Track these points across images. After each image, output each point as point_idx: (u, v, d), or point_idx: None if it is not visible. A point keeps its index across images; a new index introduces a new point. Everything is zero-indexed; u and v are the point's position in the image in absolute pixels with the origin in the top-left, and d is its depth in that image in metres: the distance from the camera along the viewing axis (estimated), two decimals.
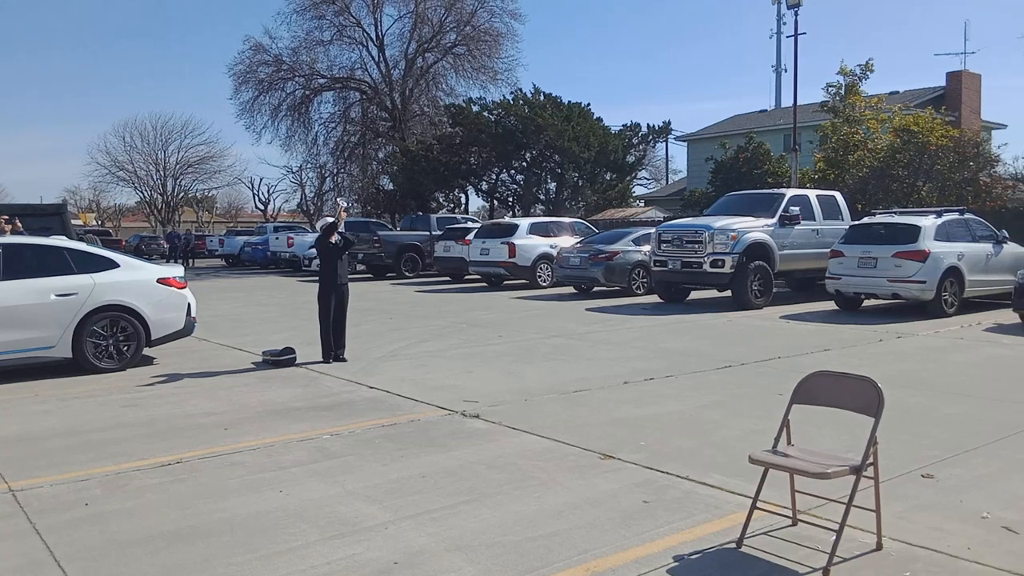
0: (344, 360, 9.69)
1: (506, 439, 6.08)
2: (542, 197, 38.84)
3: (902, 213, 15.35)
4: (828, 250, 14.65)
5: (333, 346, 9.74)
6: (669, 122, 41.33)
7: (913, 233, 13.50)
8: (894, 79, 44.26)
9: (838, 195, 17.52)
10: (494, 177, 40.27)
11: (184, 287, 9.86)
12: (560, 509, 4.53)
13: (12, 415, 7.13)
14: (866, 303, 14.87)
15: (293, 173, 55.51)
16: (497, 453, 5.69)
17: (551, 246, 20.47)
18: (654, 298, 16.93)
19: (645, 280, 17.82)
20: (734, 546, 3.97)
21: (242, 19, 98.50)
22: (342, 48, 42.48)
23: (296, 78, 42.77)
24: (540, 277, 20.43)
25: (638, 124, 40.81)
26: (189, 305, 9.83)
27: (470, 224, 25.04)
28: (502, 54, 41.69)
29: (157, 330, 9.45)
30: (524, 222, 21.88)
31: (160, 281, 9.60)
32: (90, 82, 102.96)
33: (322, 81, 43.34)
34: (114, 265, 9.37)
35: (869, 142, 23.73)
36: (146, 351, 9.64)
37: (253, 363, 9.71)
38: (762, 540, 4.03)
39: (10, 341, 8.51)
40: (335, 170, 47.21)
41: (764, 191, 18.69)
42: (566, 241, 20.44)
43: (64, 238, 10.50)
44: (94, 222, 61.67)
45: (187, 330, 9.88)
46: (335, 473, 5.28)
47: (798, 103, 25.20)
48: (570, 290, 19.30)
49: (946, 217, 14.18)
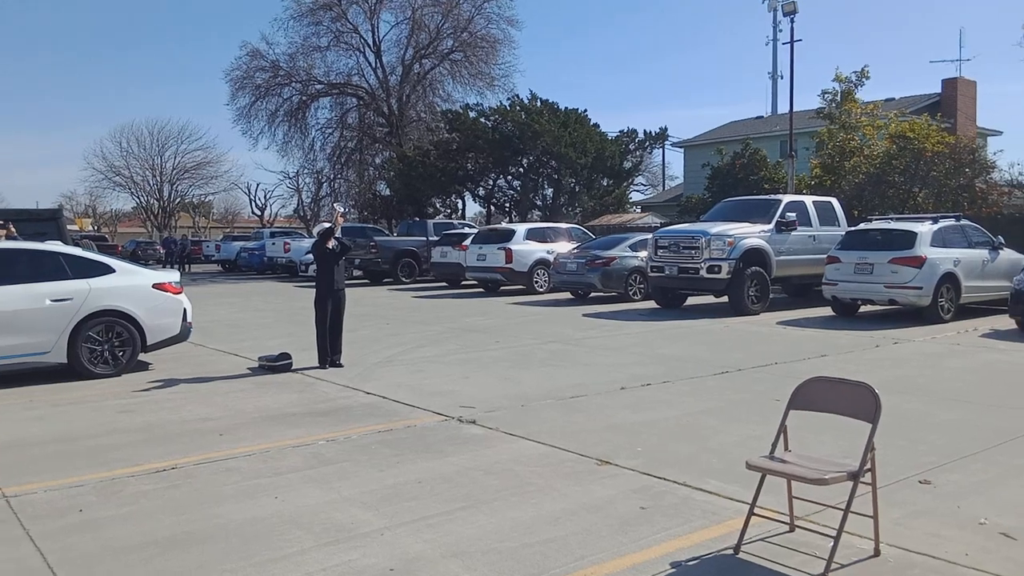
0: (340, 366, 9.66)
1: (503, 445, 6.06)
2: (539, 203, 38.85)
3: (898, 219, 15.38)
4: (824, 256, 14.66)
5: (329, 352, 9.71)
6: (666, 128, 41.38)
7: (909, 239, 13.52)
8: (890, 86, 44.62)
9: (834, 201, 17.55)
10: (491, 183, 40.29)
11: (180, 292, 9.84)
12: (557, 515, 4.52)
13: (6, 421, 7.09)
14: (862, 309, 14.88)
15: (290, 179, 55.65)
16: (494, 459, 5.67)
17: (548, 252, 20.47)
18: (651, 304, 16.93)
19: (642, 286, 17.83)
20: (732, 552, 3.95)
21: (239, 25, 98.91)
22: (339, 54, 42.59)
23: (293, 84, 42.84)
24: (537, 283, 20.42)
25: (635, 130, 40.77)
26: (185, 310, 9.80)
27: (467, 230, 25.03)
28: (499, 60, 41.81)
29: (153, 335, 9.42)
30: (521, 228, 21.90)
31: (156, 286, 9.58)
32: (87, 87, 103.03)
33: (319, 87, 43.41)
34: (110, 270, 9.35)
35: (865, 148, 23.78)
36: (142, 356, 9.61)
37: (249, 368, 9.68)
38: (760, 546, 4.01)
39: (4, 347, 8.47)
40: (332, 176, 47.21)
41: (760, 197, 18.72)
42: (563, 247, 20.45)
43: (59, 243, 10.47)
44: (90, 227, 61.56)
45: (183, 335, 9.86)
46: (331, 479, 5.25)
47: (794, 109, 25.29)
48: (567, 296, 19.29)
49: (942, 223, 14.20)
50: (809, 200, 16.94)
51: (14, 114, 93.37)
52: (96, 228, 67.54)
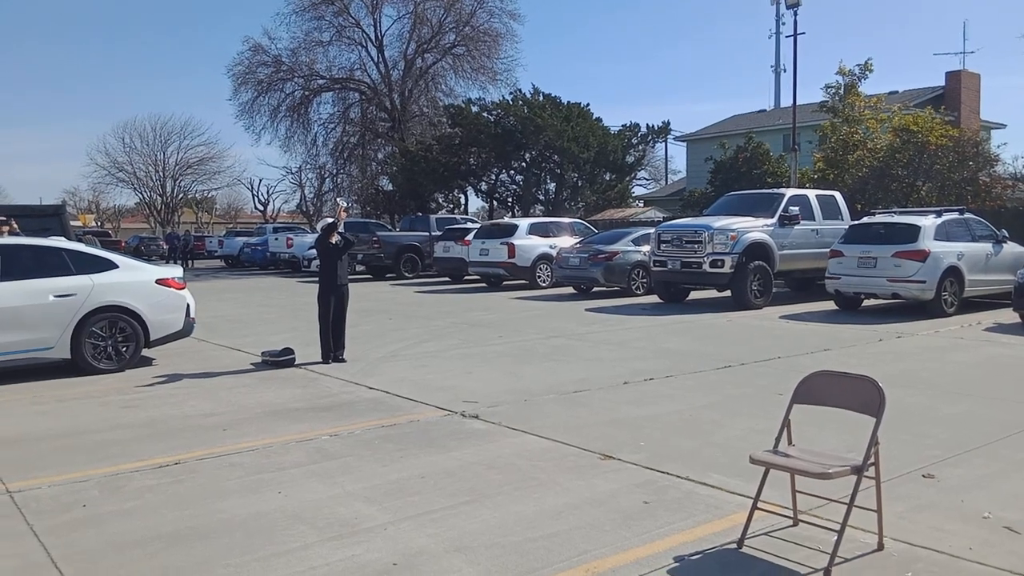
0: (343, 361, 9.67)
1: (506, 440, 6.06)
2: (541, 197, 38.84)
3: (902, 213, 15.35)
4: (828, 250, 14.64)
5: (332, 347, 9.72)
6: (668, 122, 41.35)
7: (913, 233, 13.49)
8: (893, 79, 44.23)
9: (837, 195, 17.52)
10: (493, 177, 40.27)
11: (183, 288, 9.84)
12: (560, 510, 4.52)
13: (10, 416, 7.11)
14: (866, 303, 14.85)
15: (292, 174, 55.47)
16: (497, 454, 5.67)
17: (550, 246, 20.46)
18: (653, 298, 16.92)
19: (645, 280, 17.81)
20: (735, 546, 3.95)
21: (241, 20, 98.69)
22: (341, 49, 42.53)
23: (295, 79, 42.79)
24: (539, 277, 20.41)
25: (637, 124, 40.72)
26: (188, 306, 9.81)
27: (469, 225, 25.02)
28: (501, 54, 41.72)
29: (156, 331, 9.43)
30: (523, 222, 21.87)
31: (159, 282, 9.58)
32: (89, 82, 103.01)
33: (321, 82, 43.36)
34: (113, 266, 9.35)
35: (868, 142, 23.73)
36: (145, 352, 9.62)
37: (252, 364, 9.69)
38: (763, 540, 4.01)
39: (8, 342, 8.49)
40: (334, 171, 47.18)
41: (764, 191, 18.68)
42: (565, 241, 20.43)
43: (63, 239, 10.48)
44: (93, 223, 61.56)
45: (186, 331, 9.87)
46: (334, 474, 5.26)
47: (797, 103, 25.19)
48: (569, 290, 19.28)
49: (946, 217, 14.17)
50: (812, 194, 16.90)
51: (17, 109, 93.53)
52: (99, 224, 67.49)
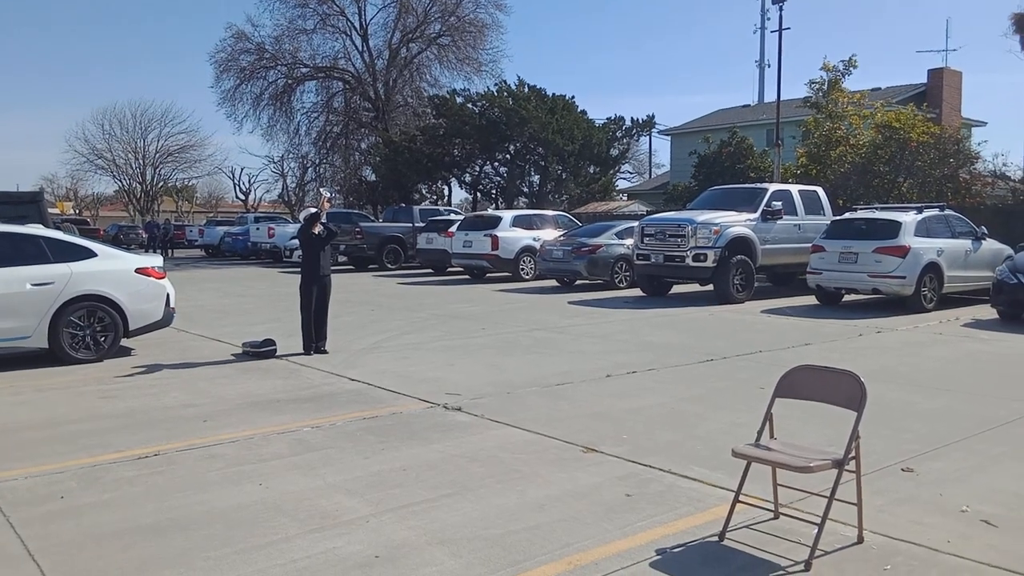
0: (325, 352, 9.61)
1: (488, 432, 6.05)
2: (525, 190, 38.76)
3: (883, 209, 15.47)
4: (810, 245, 14.73)
5: (314, 338, 9.66)
6: (653, 115, 41.25)
7: (894, 229, 13.61)
8: (876, 75, 44.82)
9: (820, 190, 17.62)
10: (477, 169, 40.13)
11: (163, 277, 9.75)
12: (542, 502, 4.52)
13: None
14: (846, 298, 14.98)
15: (275, 163, 55.19)
16: (479, 446, 5.66)
17: (534, 239, 20.45)
18: (636, 292, 16.96)
19: (628, 274, 17.85)
20: (717, 539, 3.97)
21: (224, 6, 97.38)
22: (325, 37, 42.29)
23: (278, 67, 42.50)
24: (523, 270, 20.40)
25: (622, 117, 40.63)
26: (168, 295, 9.72)
27: (453, 216, 24.95)
28: (486, 45, 41.67)
29: (135, 321, 9.34)
30: (507, 215, 21.85)
31: (138, 271, 9.48)
32: (67, 68, 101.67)
33: (305, 70, 43.08)
34: (91, 254, 9.24)
35: (851, 138, 23.86)
36: (124, 342, 9.52)
37: (233, 355, 9.62)
38: (744, 533, 4.03)
39: None
40: (317, 160, 46.95)
41: (747, 186, 18.74)
42: (549, 234, 20.43)
43: (40, 227, 10.34)
44: (72, 211, 60.86)
45: (166, 321, 9.78)
46: (315, 466, 5.23)
47: (781, 98, 25.31)
48: (553, 283, 19.29)
49: (926, 213, 14.30)
50: (795, 189, 17.00)
51: None
52: (78, 212, 66.81)
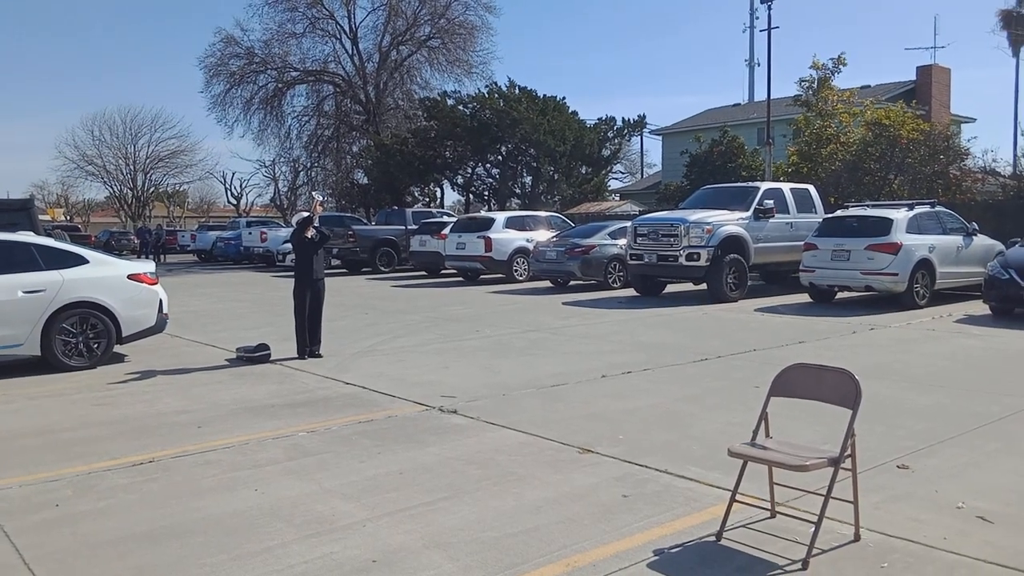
0: (320, 356, 9.59)
1: (484, 434, 6.05)
2: (518, 191, 38.76)
3: (874, 206, 15.52)
4: (802, 243, 14.76)
5: (308, 342, 9.63)
6: (644, 116, 41.08)
7: (885, 226, 13.65)
8: (866, 73, 44.93)
9: (811, 188, 17.67)
10: (469, 171, 40.11)
11: (155, 283, 9.71)
12: (539, 504, 4.51)
13: None
14: (839, 295, 15.01)
15: (266, 167, 54.94)
16: (475, 449, 5.66)
17: (527, 240, 20.45)
18: (630, 292, 16.97)
19: (621, 274, 17.85)
20: (713, 539, 3.97)
21: (213, 10, 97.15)
22: (315, 41, 42.28)
23: (268, 71, 42.46)
24: (516, 271, 20.40)
25: (613, 118, 40.56)
26: (161, 301, 9.68)
27: (446, 218, 24.94)
28: (477, 47, 41.72)
29: (128, 327, 9.30)
30: (500, 216, 21.85)
31: (131, 277, 9.45)
32: (57, 74, 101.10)
33: (295, 74, 43.05)
34: (83, 261, 9.20)
35: (842, 136, 23.96)
36: (117, 348, 9.48)
37: (227, 360, 9.59)
38: (741, 533, 4.04)
39: None
40: (309, 164, 46.88)
41: (739, 184, 18.80)
42: (542, 235, 20.43)
43: (31, 234, 10.28)
44: (62, 217, 60.45)
45: (159, 327, 9.74)
46: (311, 471, 5.21)
47: (772, 97, 25.40)
48: (546, 284, 19.29)
49: (917, 210, 14.35)
50: (787, 187, 17.03)
51: None
52: (68, 218, 66.43)
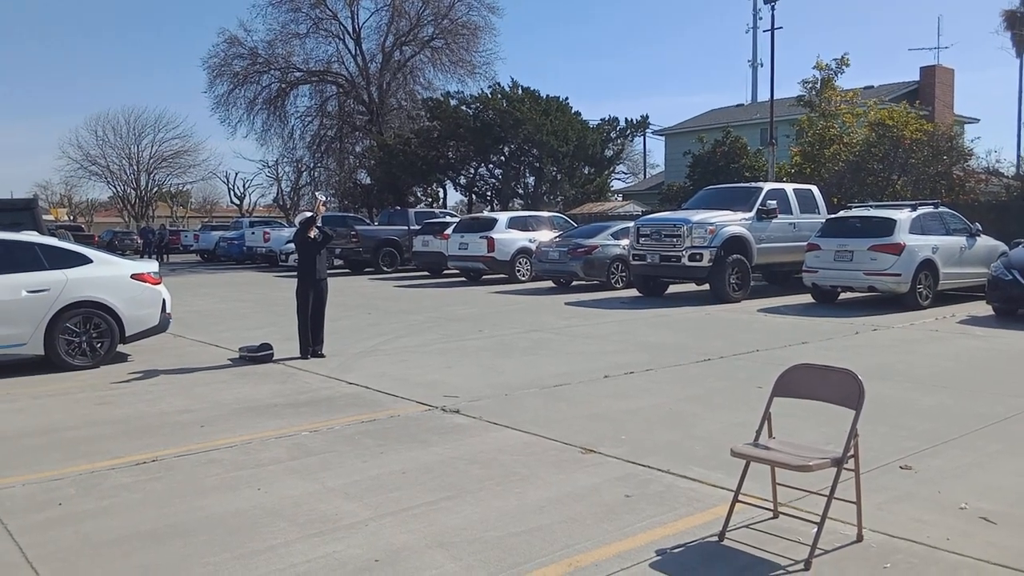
0: (322, 356, 9.60)
1: (487, 434, 6.05)
2: (520, 191, 38.77)
3: (878, 207, 15.50)
4: (805, 244, 14.75)
5: (311, 342, 9.64)
6: (647, 116, 41.08)
7: (888, 226, 13.63)
8: (869, 74, 44.91)
9: (814, 189, 17.65)
10: (472, 171, 40.13)
11: (158, 283, 9.73)
12: (542, 504, 4.51)
13: None
14: (842, 296, 14.99)
15: (269, 167, 55.08)
16: (478, 448, 5.66)
17: (530, 240, 20.46)
18: (633, 292, 16.97)
19: (624, 274, 17.86)
20: (716, 539, 3.97)
21: (216, 11, 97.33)
22: (318, 41, 42.29)
23: (272, 71, 42.48)
24: (519, 271, 20.40)
25: (616, 118, 40.55)
26: (164, 301, 9.70)
27: (448, 219, 24.95)
28: (480, 47, 41.69)
29: (131, 327, 9.31)
30: (503, 216, 21.86)
31: (134, 277, 9.46)
32: (61, 75, 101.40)
33: (298, 74, 43.07)
34: (87, 261, 9.22)
35: (845, 136, 23.93)
36: (120, 348, 9.50)
37: (230, 360, 9.60)
38: (744, 533, 4.03)
39: None
40: (312, 164, 46.91)
41: (742, 185, 18.78)
42: (545, 235, 20.43)
43: (35, 233, 10.31)
44: (66, 217, 60.75)
45: (162, 326, 9.75)
46: (314, 470, 5.22)
47: (775, 97, 25.37)
48: (549, 284, 19.29)
49: (921, 210, 14.33)
50: (789, 188, 17.02)
51: None
52: (72, 218, 66.65)
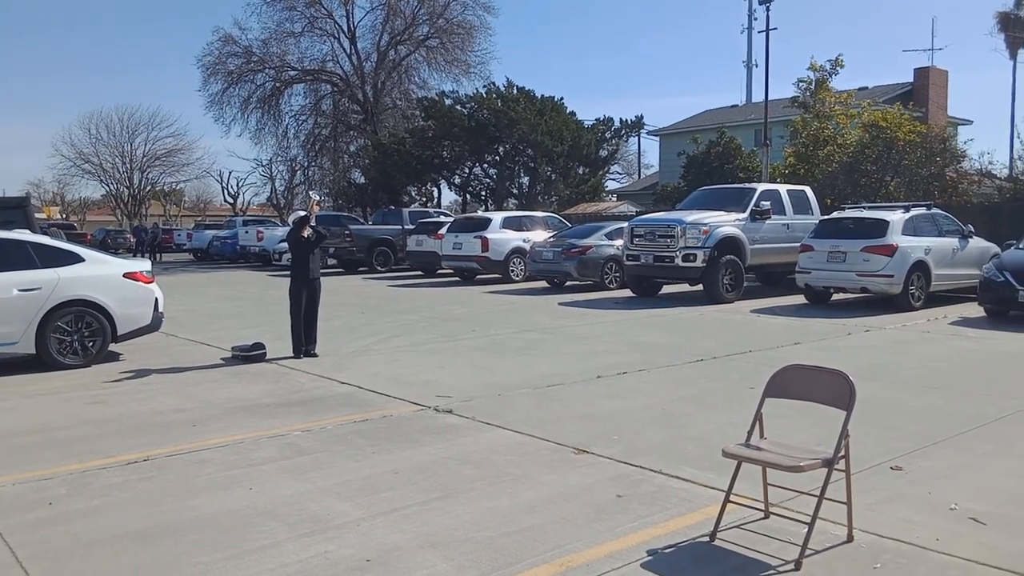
0: (315, 355, 9.59)
1: (479, 434, 6.05)
2: (515, 191, 38.78)
3: (871, 208, 15.55)
4: (798, 244, 14.79)
5: (304, 341, 9.63)
6: (641, 116, 41.20)
7: (881, 228, 13.68)
8: (863, 75, 45.05)
9: (808, 190, 17.70)
10: (467, 171, 40.13)
11: (151, 282, 9.71)
12: (534, 504, 4.52)
13: None
14: (835, 297, 15.04)
15: (263, 166, 54.98)
16: (470, 448, 5.66)
17: (524, 240, 20.46)
18: (626, 292, 16.98)
19: (618, 274, 17.86)
20: (707, 540, 3.98)
21: (211, 9, 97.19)
22: (313, 40, 42.25)
23: (266, 70, 42.41)
24: (513, 271, 20.40)
25: (611, 118, 40.65)
26: (156, 300, 9.67)
27: (443, 218, 24.94)
28: (475, 47, 41.71)
29: (123, 325, 9.29)
30: (497, 216, 21.86)
31: (126, 275, 9.44)
32: (54, 72, 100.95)
33: (293, 73, 43.02)
34: (79, 259, 9.19)
35: (838, 137, 23.97)
36: (112, 347, 9.47)
37: (222, 359, 9.58)
38: (735, 533, 4.04)
39: None
40: (306, 163, 46.85)
41: (735, 186, 18.81)
42: (539, 235, 20.44)
43: (27, 232, 10.27)
44: (58, 216, 60.57)
45: (154, 325, 9.73)
46: (306, 470, 5.21)
47: (769, 98, 25.44)
48: (543, 284, 19.30)
49: (913, 212, 14.38)
50: (783, 189, 17.07)
51: None
52: (64, 216, 66.44)
